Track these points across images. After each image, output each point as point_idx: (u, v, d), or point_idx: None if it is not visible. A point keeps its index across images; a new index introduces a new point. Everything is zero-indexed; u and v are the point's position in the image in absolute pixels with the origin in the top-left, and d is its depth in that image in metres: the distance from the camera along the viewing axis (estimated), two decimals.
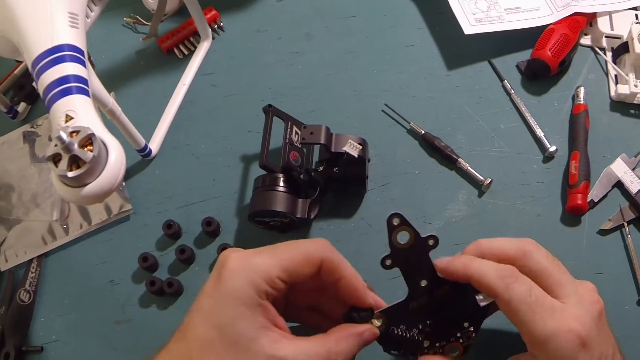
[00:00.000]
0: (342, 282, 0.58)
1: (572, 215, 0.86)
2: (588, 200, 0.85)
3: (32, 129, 1.05)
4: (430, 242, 0.61)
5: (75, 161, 0.61)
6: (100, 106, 0.81)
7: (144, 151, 0.94)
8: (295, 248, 0.56)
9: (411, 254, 0.61)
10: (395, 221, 0.60)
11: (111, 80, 1.04)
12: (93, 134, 0.61)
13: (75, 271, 0.93)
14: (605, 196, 0.87)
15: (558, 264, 0.63)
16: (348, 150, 0.82)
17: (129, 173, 0.97)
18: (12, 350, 0.85)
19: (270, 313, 0.54)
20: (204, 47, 1.07)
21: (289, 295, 0.60)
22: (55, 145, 0.60)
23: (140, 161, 0.98)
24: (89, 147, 0.61)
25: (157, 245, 0.92)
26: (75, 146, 0.60)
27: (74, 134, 0.61)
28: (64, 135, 0.59)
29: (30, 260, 0.93)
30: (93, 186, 0.63)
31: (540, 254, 0.62)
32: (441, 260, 0.62)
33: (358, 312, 0.60)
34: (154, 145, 0.97)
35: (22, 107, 1.07)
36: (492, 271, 0.59)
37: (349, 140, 0.83)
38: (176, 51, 1.08)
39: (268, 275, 0.52)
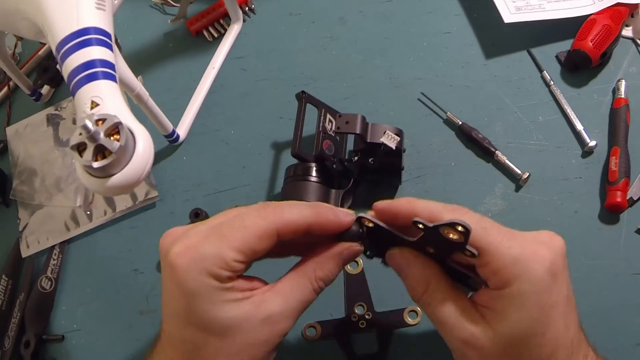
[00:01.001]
0: (312, 230, 0.54)
1: (611, 213, 0.83)
2: (627, 198, 0.82)
3: (57, 112, 1.04)
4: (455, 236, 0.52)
5: (100, 151, 0.58)
6: (127, 91, 0.80)
7: (172, 137, 0.93)
8: (245, 228, 0.51)
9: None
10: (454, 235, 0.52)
11: (138, 63, 1.04)
12: (120, 123, 0.59)
13: (98, 259, 0.92)
14: None
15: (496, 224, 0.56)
16: (385, 142, 0.80)
17: (156, 159, 0.96)
18: (33, 339, 0.85)
19: (242, 285, 0.52)
20: (235, 29, 1.06)
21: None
22: (80, 134, 0.58)
23: (167, 147, 0.97)
24: (115, 136, 0.59)
25: None
26: (101, 135, 0.57)
27: (100, 122, 0.58)
28: (90, 124, 0.56)
29: (53, 247, 0.93)
30: (119, 177, 0.60)
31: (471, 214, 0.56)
32: (381, 202, 0.58)
33: (344, 235, 0.58)
34: (182, 130, 0.96)
35: (45, 89, 1.07)
36: (440, 207, 0.54)
37: (386, 131, 0.80)
38: (205, 34, 1.06)
39: (223, 262, 0.49)
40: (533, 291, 0.49)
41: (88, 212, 0.94)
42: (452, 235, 0.50)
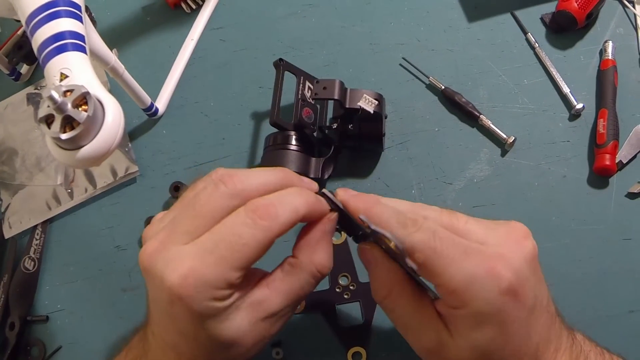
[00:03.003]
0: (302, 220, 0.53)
1: (600, 177, 0.83)
2: (616, 161, 0.82)
3: (36, 91, 1.03)
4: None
5: (69, 122, 0.57)
6: (102, 64, 0.78)
7: (150, 110, 0.92)
8: (244, 246, 0.48)
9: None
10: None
11: (116, 37, 1.03)
12: (88, 93, 0.58)
13: (80, 237, 0.91)
14: (634, 157, 0.83)
15: (458, 216, 0.54)
16: (363, 106, 0.78)
17: (135, 133, 0.95)
18: (17, 320, 0.85)
19: (241, 292, 0.50)
20: (213, 0, 1.04)
21: None
22: (48, 106, 0.57)
23: (146, 121, 0.96)
24: (83, 107, 0.58)
25: (164, 208, 0.89)
26: (69, 106, 0.56)
27: (68, 93, 0.57)
28: (56, 95, 0.55)
29: (35, 227, 0.92)
30: (89, 148, 0.59)
31: (430, 207, 0.55)
32: (345, 192, 0.56)
33: None
34: (161, 103, 0.95)
35: (25, 68, 1.05)
36: (393, 218, 0.51)
37: (364, 95, 0.79)
38: (183, 5, 1.04)
39: (226, 283, 0.47)
40: (488, 312, 0.48)
41: (69, 190, 0.93)
42: (391, 245, 0.49)
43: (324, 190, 0.56)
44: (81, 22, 0.67)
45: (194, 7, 1.04)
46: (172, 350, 0.52)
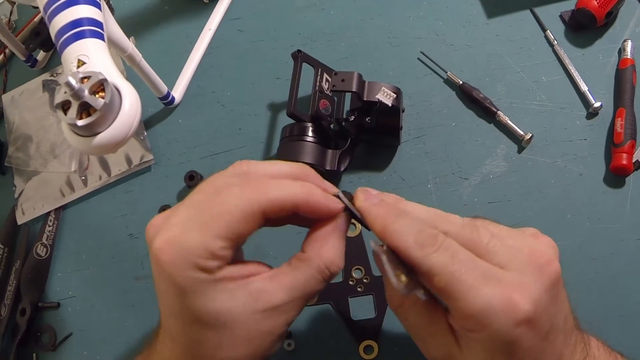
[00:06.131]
0: (300, 210, 0.50)
1: (616, 176, 0.82)
2: (633, 160, 0.81)
3: (52, 78, 1.03)
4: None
5: (85, 109, 0.57)
6: (119, 52, 0.79)
7: (167, 99, 0.92)
8: (228, 212, 0.47)
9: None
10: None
11: (134, 26, 1.03)
12: (105, 80, 0.58)
13: (93, 224, 0.92)
14: None
15: (485, 225, 0.52)
16: (381, 99, 0.78)
17: (151, 122, 0.95)
18: (28, 306, 0.85)
19: (236, 272, 0.48)
20: None
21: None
22: (65, 92, 0.57)
23: (162, 109, 0.96)
24: (100, 94, 0.58)
25: (178, 197, 0.89)
26: (86, 92, 0.56)
27: (85, 80, 0.58)
28: (73, 81, 0.55)
29: (48, 213, 0.92)
30: (105, 135, 0.60)
31: (453, 220, 0.52)
32: (365, 197, 0.53)
33: None
34: (178, 92, 0.95)
35: (41, 55, 1.06)
36: (411, 236, 0.48)
37: (383, 88, 0.78)
38: None
39: (209, 252, 0.46)
40: (500, 342, 0.46)
41: (83, 177, 0.93)
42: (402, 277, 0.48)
43: (339, 193, 0.53)
44: (99, 9, 0.67)
45: None
46: (168, 335, 0.51)
